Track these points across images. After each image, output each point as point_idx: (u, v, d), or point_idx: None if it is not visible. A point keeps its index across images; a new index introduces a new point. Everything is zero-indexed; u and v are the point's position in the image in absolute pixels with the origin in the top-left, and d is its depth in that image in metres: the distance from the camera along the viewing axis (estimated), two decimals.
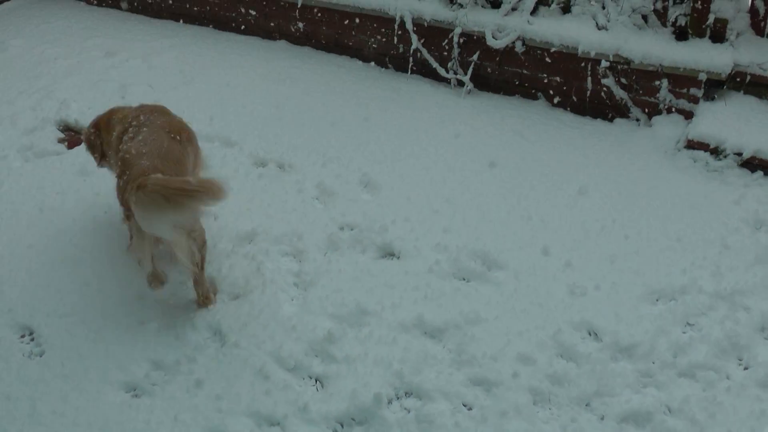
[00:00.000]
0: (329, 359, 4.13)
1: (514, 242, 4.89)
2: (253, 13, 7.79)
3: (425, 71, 6.93)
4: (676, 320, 4.28)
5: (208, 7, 8.11)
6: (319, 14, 7.33)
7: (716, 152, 5.64)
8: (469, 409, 3.84)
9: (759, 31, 6.03)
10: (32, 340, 4.44)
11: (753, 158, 5.52)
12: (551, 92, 6.45)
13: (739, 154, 5.55)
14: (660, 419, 3.70)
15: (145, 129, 4.56)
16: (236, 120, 6.35)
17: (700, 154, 5.66)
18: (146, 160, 4.22)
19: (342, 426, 3.82)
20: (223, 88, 6.85)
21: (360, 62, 7.22)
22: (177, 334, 4.33)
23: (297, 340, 4.24)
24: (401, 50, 7.00)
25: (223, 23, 8.08)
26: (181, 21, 8.34)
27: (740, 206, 5.12)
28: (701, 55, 5.90)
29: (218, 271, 4.71)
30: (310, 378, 4.06)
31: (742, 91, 6.01)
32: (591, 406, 3.84)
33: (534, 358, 4.07)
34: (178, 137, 4.61)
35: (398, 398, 3.94)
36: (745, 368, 4.01)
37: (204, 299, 4.50)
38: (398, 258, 4.82)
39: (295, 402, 3.90)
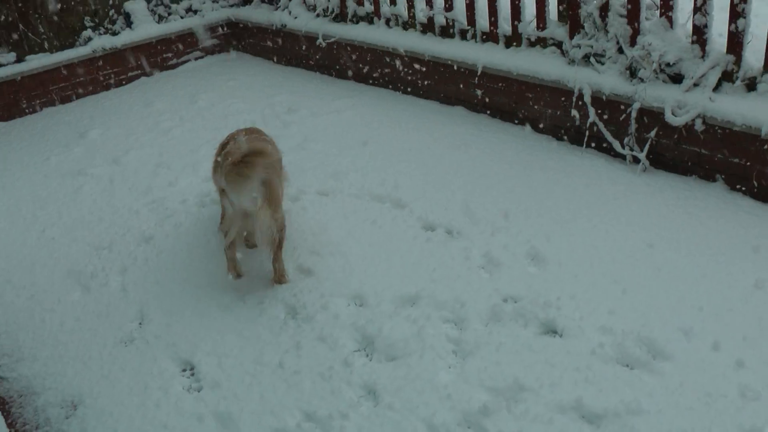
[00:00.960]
0: None
1: (683, 332, 4.74)
2: (434, 77, 8.03)
3: (600, 146, 6.90)
4: None
5: (388, 69, 8.44)
6: (499, 83, 7.46)
7: None
8: None
9: None
10: (192, 375, 4.77)
11: None
12: (731, 175, 6.25)
13: None
14: None
15: (240, 136, 5.39)
16: (408, 183, 6.55)
17: None
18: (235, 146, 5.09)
19: None
20: (397, 151, 7.07)
21: (535, 132, 7.27)
22: (332, 388, 4.48)
23: (451, 409, 4.27)
24: (577, 123, 7.01)
25: (402, 86, 8.38)
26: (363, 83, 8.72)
27: None
28: None
29: (379, 331, 4.84)
30: None
31: None
32: None
33: None
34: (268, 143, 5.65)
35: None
36: None
37: (279, 276, 5.42)
38: (561, 336, 4.78)
39: None
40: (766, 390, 4.28)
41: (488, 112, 7.71)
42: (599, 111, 6.79)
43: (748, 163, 6.10)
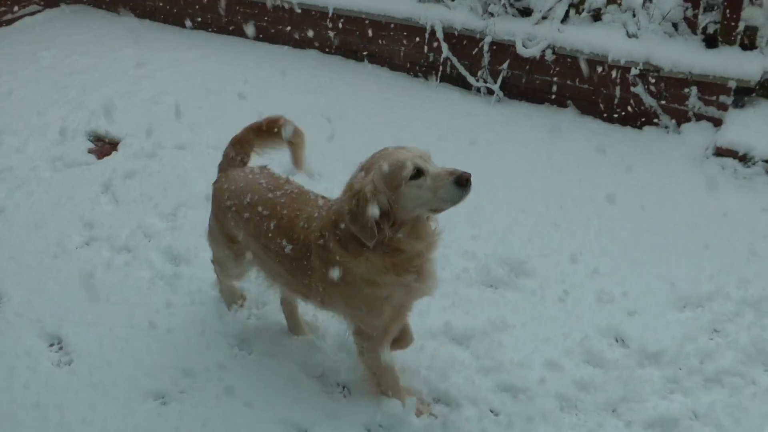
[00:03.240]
0: (357, 366, 4.14)
1: (542, 250, 4.94)
2: (285, 22, 7.92)
3: (455, 80, 7.01)
4: (703, 327, 4.30)
5: (239, 17, 8.27)
6: (351, 24, 7.43)
7: (745, 159, 5.64)
8: (496, 415, 3.87)
9: None
10: (60, 348, 4.48)
11: None
12: (581, 100, 6.50)
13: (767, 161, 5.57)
14: (686, 425, 3.72)
15: None
16: None
17: (729, 161, 5.67)
18: None
19: (369, 431, 3.87)
20: (254, 101, 6.94)
21: (390, 71, 7.31)
22: (207, 342, 4.39)
23: (319, 351, 4.29)
24: (431, 59, 7.08)
25: (254, 33, 8.23)
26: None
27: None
28: (731, 63, 5.92)
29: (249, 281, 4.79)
30: (338, 385, 4.11)
31: None
32: (617, 412, 3.85)
33: (561, 364, 4.10)
34: None
35: (428, 404, 3.97)
36: None
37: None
38: None
39: (323, 408, 3.94)
40: (619, 292, 4.55)
41: (342, 53, 7.67)
42: (452, 46, 6.88)
43: (597, 89, 6.39)
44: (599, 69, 6.30)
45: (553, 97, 6.62)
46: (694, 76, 5.96)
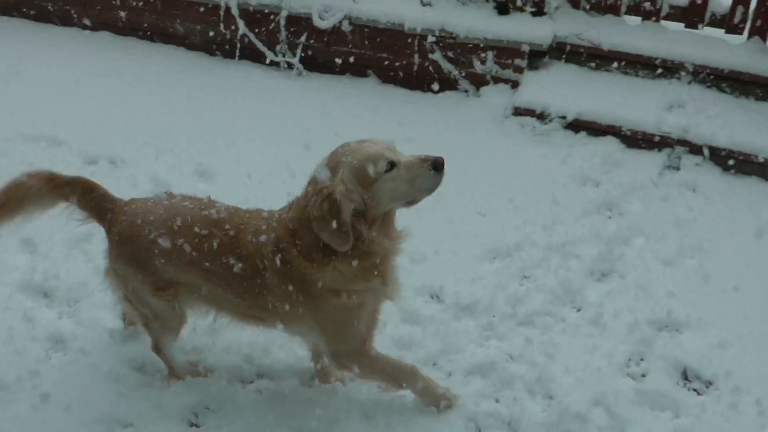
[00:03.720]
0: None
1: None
2: (73, 3, 7.42)
3: (254, 57, 6.84)
4: (513, 275, 4.42)
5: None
6: (141, 2, 7.09)
7: (542, 117, 5.88)
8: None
9: (576, 4, 6.36)
10: None
11: (576, 120, 5.83)
12: (381, 69, 6.52)
13: (563, 117, 5.83)
14: (503, 367, 3.80)
15: None
16: (62, 118, 6.03)
17: (527, 119, 5.89)
18: None
19: (197, 416, 3.65)
20: (44, 86, 6.49)
21: (187, 51, 7.05)
22: (16, 349, 3.94)
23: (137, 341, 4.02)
24: (228, 36, 6.88)
25: (42, 15, 7.65)
26: None
27: (567, 165, 5.38)
28: (523, 28, 6.16)
29: (56, 276, 4.39)
30: (160, 373, 3.86)
31: (563, 60, 6.28)
32: (438, 365, 3.88)
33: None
34: None
35: (251, 382, 3.80)
36: (578, 310, 4.21)
37: None
38: None
39: (147, 399, 3.68)
40: (431, 251, 4.57)
41: (138, 34, 7.29)
42: (249, 22, 6.71)
43: (396, 57, 6.43)
44: (396, 38, 6.34)
45: (354, 67, 6.60)
46: (489, 41, 6.15)
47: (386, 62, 6.47)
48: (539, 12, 6.30)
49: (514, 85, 6.22)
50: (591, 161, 5.48)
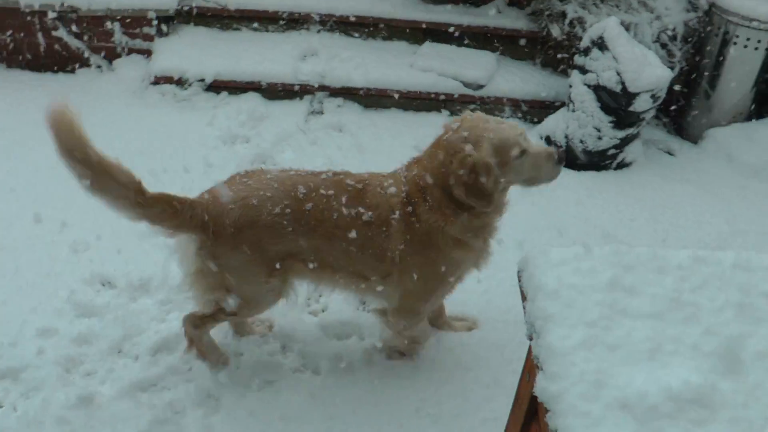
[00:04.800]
0: None
1: (6, 219, 4.61)
2: None
3: None
4: None
5: None
6: None
7: (181, 83, 5.90)
8: (1, 407, 3.55)
9: None
10: None
11: (215, 82, 5.94)
12: (4, 53, 6.08)
13: (202, 81, 5.91)
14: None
15: None
16: None
17: (167, 87, 5.86)
18: None
19: None
20: None
21: None
22: None
23: None
24: None
25: None
26: None
27: (214, 126, 5.48)
28: None
29: None
30: None
31: (192, 24, 6.30)
32: (123, 351, 3.85)
33: (55, 328, 3.90)
34: None
35: None
36: None
37: None
38: None
39: None
40: (93, 237, 4.48)
41: None
42: None
43: (17, 38, 6.02)
44: (14, 16, 5.92)
45: None
46: (114, 11, 5.99)
47: (11, 45, 6.03)
48: None
49: (148, 54, 6.13)
50: (237, 119, 5.63)
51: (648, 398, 1.97)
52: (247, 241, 3.33)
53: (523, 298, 2.38)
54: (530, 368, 2.41)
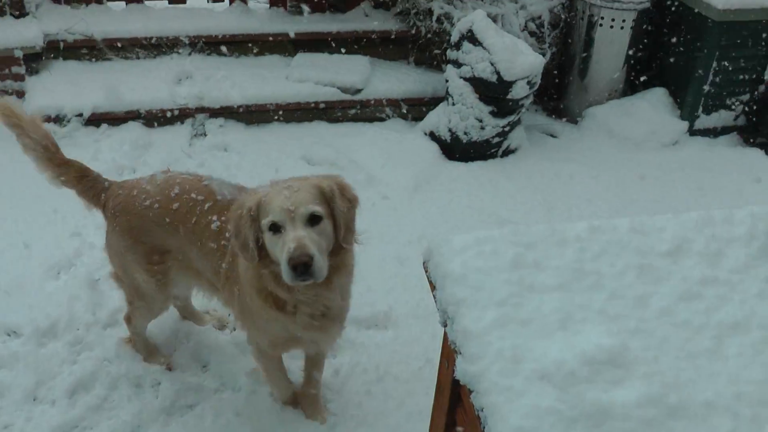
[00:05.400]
0: None
1: None
2: None
3: None
4: (83, 282, 4.41)
5: None
6: None
7: (59, 120, 5.82)
8: None
9: None
10: None
11: (93, 115, 5.88)
12: None
13: (80, 115, 5.83)
14: (106, 372, 3.89)
15: None
16: None
17: (46, 126, 5.61)
18: None
19: None
20: None
21: None
22: None
23: None
24: None
25: None
26: None
27: (99, 160, 5.43)
28: (10, 32, 5.94)
29: None
30: None
31: (61, 58, 6.17)
32: (39, 398, 3.79)
33: None
34: None
35: None
36: None
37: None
38: None
39: None
40: None
41: None
42: None
43: None
44: None
45: None
46: None
47: None
48: (22, 14, 6.06)
49: (20, 94, 5.97)
50: (121, 150, 5.59)
51: (565, 366, 2.05)
52: (121, 226, 3.51)
53: (432, 288, 2.43)
54: (447, 355, 2.48)
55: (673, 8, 6.22)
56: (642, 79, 6.51)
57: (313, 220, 2.87)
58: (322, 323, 3.19)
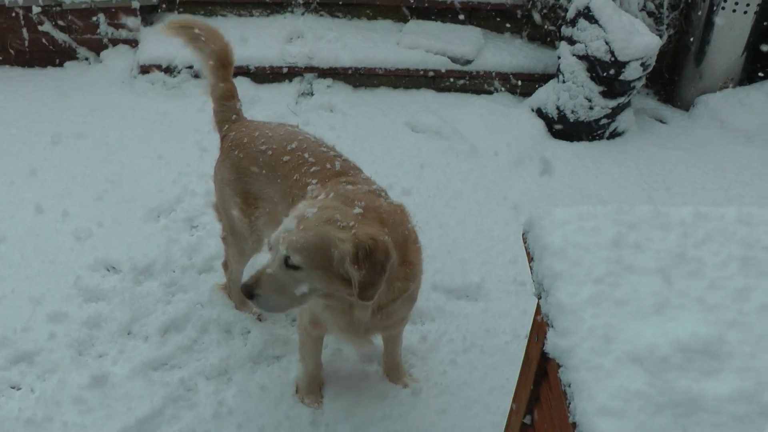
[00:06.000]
0: None
1: (8, 211, 4.64)
2: None
3: None
4: (181, 227, 4.53)
5: None
6: None
7: (169, 71, 5.92)
8: (19, 389, 3.61)
9: None
10: None
11: None
12: None
13: (191, 67, 5.90)
14: (198, 315, 3.97)
15: None
16: None
17: (156, 75, 5.88)
18: None
19: None
20: None
21: None
22: None
23: None
24: None
25: None
26: None
27: (205, 112, 5.33)
28: None
29: None
30: None
31: (176, 12, 6.30)
32: (133, 333, 3.91)
33: (64, 312, 3.96)
34: None
35: None
36: None
37: None
38: None
39: None
40: (95, 225, 4.53)
41: None
42: None
43: (2, 34, 6.00)
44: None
45: None
46: (98, 3, 5.97)
47: None
48: None
49: (134, 44, 6.14)
50: None
51: (658, 350, 1.98)
52: (231, 160, 3.55)
53: (530, 259, 2.39)
54: (538, 329, 2.45)
55: None
56: (764, 69, 6.24)
57: (290, 264, 2.77)
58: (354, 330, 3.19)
